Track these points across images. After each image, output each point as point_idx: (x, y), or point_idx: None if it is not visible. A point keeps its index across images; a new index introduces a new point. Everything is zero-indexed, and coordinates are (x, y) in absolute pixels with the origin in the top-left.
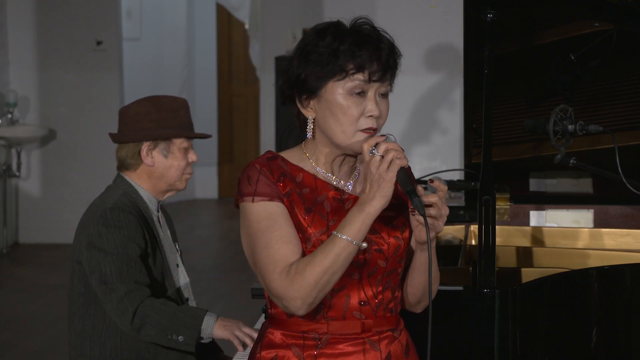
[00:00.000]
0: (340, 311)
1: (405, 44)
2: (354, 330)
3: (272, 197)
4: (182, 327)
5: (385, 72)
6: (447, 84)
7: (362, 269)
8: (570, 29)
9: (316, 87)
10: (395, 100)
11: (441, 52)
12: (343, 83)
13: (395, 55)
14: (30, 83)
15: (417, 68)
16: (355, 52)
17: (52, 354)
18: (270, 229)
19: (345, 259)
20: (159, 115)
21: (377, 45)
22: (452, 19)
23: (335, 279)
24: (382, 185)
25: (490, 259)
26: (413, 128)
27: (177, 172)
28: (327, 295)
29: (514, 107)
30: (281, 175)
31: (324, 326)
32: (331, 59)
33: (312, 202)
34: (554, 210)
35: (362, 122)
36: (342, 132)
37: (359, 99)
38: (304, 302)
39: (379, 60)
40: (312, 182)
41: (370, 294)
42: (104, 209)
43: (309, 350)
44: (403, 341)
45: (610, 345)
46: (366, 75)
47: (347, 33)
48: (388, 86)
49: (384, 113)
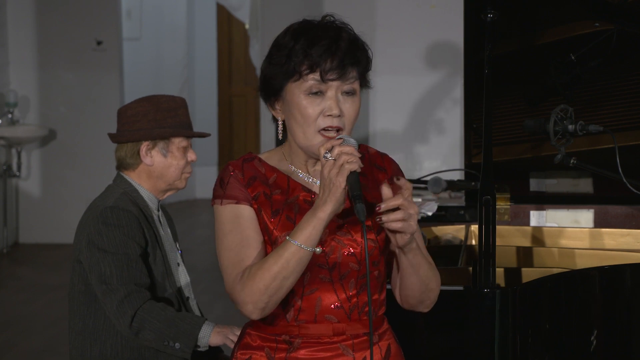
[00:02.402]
0: (311, 314)
1: (405, 44)
2: (325, 332)
3: (239, 200)
4: (180, 335)
5: (343, 69)
6: (447, 84)
7: (333, 272)
8: (570, 29)
9: (279, 88)
10: (396, 100)
11: (441, 52)
12: (299, 84)
13: (358, 51)
14: (30, 83)
15: (417, 68)
16: (307, 51)
17: (52, 354)
18: (233, 232)
19: (296, 264)
20: (157, 114)
21: (332, 42)
22: (452, 19)
23: (288, 284)
24: (333, 190)
25: (490, 259)
26: (413, 128)
27: (176, 171)
28: (297, 298)
29: (514, 107)
30: (251, 178)
31: (296, 329)
32: (286, 59)
33: (282, 204)
34: (554, 210)
35: (320, 121)
36: (303, 133)
37: (317, 98)
38: (255, 306)
39: (333, 57)
40: (285, 184)
41: (344, 297)
42: (104, 207)
43: (281, 354)
44: (383, 346)
45: (610, 345)
46: (320, 74)
47: (304, 31)
48: (354, 83)
49: (348, 112)
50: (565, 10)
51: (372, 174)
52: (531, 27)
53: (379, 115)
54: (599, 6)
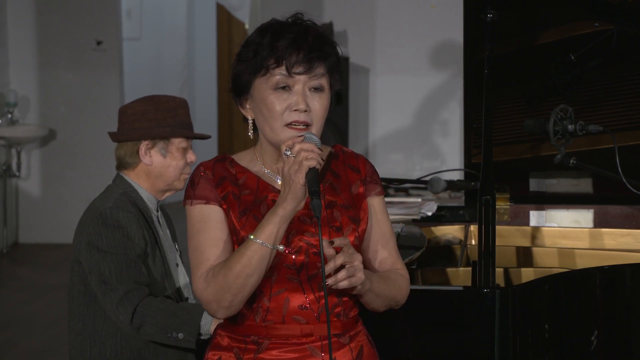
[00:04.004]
0: (279, 315)
1: (405, 44)
2: (293, 334)
3: (208, 201)
4: (182, 325)
5: (310, 62)
6: (447, 84)
7: (301, 273)
8: (570, 29)
9: (247, 86)
10: (396, 100)
11: (441, 52)
12: (266, 79)
13: (325, 45)
14: (30, 83)
15: (417, 68)
16: (273, 44)
17: (52, 354)
18: (200, 231)
19: (258, 262)
20: (157, 114)
21: (299, 36)
22: (452, 19)
23: (252, 282)
24: (292, 187)
25: (490, 259)
26: (413, 128)
27: (175, 171)
28: (265, 299)
29: (514, 107)
30: (221, 178)
31: (264, 330)
32: (253, 55)
33: (250, 205)
34: (554, 210)
35: (287, 116)
36: (270, 128)
37: (284, 93)
38: (219, 305)
39: (299, 50)
40: (254, 184)
41: (312, 298)
42: (104, 208)
43: (249, 354)
44: (355, 348)
45: (610, 345)
46: (286, 68)
47: (271, 27)
48: (321, 79)
49: (315, 108)
50: (565, 10)
51: (345, 174)
52: (531, 27)
53: (379, 115)
54: (599, 6)
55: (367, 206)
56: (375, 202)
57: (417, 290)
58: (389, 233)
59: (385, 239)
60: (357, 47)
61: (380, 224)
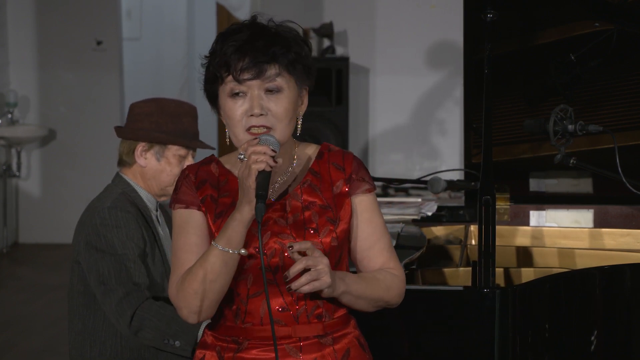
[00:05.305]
0: (257, 317)
1: (405, 44)
2: (271, 335)
3: (188, 205)
4: (180, 332)
5: (258, 67)
6: (447, 84)
7: (277, 275)
8: (570, 29)
9: (214, 95)
10: (396, 100)
11: (441, 52)
12: (223, 87)
13: (276, 46)
14: (30, 83)
15: (417, 68)
16: (223, 52)
17: (52, 354)
18: (178, 236)
19: (221, 267)
20: (160, 117)
21: (245, 42)
22: (452, 19)
23: (217, 287)
24: (246, 191)
25: (490, 259)
26: (413, 128)
27: (168, 177)
28: (243, 301)
29: (514, 107)
30: (202, 181)
31: (243, 331)
32: (209, 64)
33: (227, 207)
34: (554, 210)
35: (245, 121)
36: (234, 135)
37: (240, 99)
38: (189, 310)
39: (244, 57)
40: (234, 187)
41: (290, 300)
42: (102, 208)
43: (229, 353)
44: (340, 350)
45: (611, 345)
46: (232, 76)
47: (225, 34)
48: (277, 81)
49: (273, 109)
50: (565, 10)
51: (328, 173)
52: (531, 27)
53: (379, 115)
54: (599, 6)
55: (349, 205)
56: (361, 200)
57: (417, 290)
58: (380, 232)
59: (374, 238)
60: (357, 47)
61: (368, 223)
